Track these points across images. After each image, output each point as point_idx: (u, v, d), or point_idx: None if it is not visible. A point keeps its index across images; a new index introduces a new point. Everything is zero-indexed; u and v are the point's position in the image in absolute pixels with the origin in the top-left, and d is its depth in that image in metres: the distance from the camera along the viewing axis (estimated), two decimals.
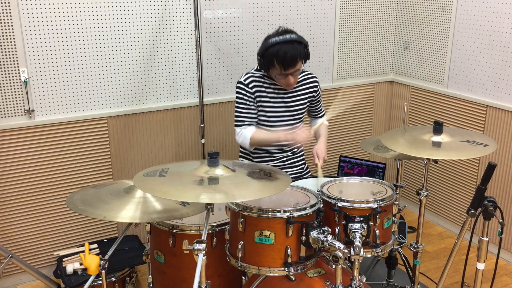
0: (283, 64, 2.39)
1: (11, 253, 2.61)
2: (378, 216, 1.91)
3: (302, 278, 1.94)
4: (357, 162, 3.03)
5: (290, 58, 2.38)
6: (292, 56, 2.38)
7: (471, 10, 3.18)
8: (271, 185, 1.81)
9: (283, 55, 2.37)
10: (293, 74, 2.45)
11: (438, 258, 3.21)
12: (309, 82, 2.66)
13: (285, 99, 2.60)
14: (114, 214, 1.82)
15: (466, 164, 3.35)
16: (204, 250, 1.60)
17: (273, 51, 2.38)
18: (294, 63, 2.40)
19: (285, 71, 2.41)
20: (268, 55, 2.40)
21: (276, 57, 2.38)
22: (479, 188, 1.96)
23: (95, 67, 2.88)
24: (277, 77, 2.47)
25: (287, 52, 2.37)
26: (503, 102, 3.07)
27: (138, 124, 3.08)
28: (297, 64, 2.42)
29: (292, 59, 2.38)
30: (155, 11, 2.95)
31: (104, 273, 1.88)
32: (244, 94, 2.53)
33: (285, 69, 2.40)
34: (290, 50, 2.38)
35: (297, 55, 2.39)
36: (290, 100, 2.61)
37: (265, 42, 2.43)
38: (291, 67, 2.40)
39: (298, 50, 2.40)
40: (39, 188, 2.89)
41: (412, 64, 3.71)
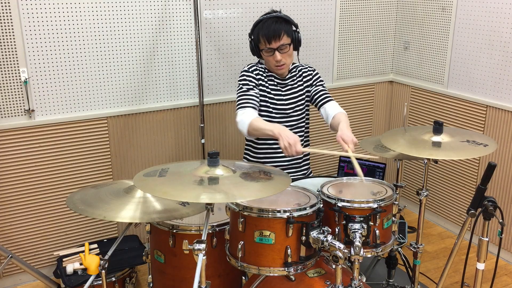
0: (267, 37, 2.45)
1: (11, 253, 2.61)
2: (378, 216, 1.91)
3: (302, 278, 1.94)
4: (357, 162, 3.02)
5: (274, 30, 2.45)
6: (276, 28, 2.45)
7: (471, 10, 3.18)
8: (271, 185, 1.81)
9: (267, 27, 2.46)
10: (280, 49, 2.48)
11: (438, 258, 3.21)
12: (303, 73, 2.67)
13: (283, 92, 2.61)
14: (114, 214, 1.82)
15: (466, 164, 3.35)
16: (204, 250, 1.60)
17: (259, 26, 2.49)
18: (278, 35, 2.45)
19: (269, 45, 2.46)
20: (256, 31, 2.50)
21: (261, 30, 2.47)
22: (479, 188, 1.96)
23: (95, 67, 2.88)
24: (265, 55, 2.52)
25: (270, 25, 2.46)
26: (503, 102, 3.07)
27: (138, 124, 3.08)
28: (281, 38, 2.46)
29: (275, 31, 2.45)
30: (155, 11, 2.95)
31: (104, 273, 1.88)
32: (249, 79, 2.56)
33: (269, 41, 2.46)
34: (274, 23, 2.47)
35: (281, 28, 2.46)
36: (287, 94, 2.61)
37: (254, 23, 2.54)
38: (274, 39, 2.45)
39: (282, 24, 2.48)
40: (39, 188, 2.89)
41: (412, 64, 3.71)
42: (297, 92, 2.65)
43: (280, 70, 2.56)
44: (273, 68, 2.56)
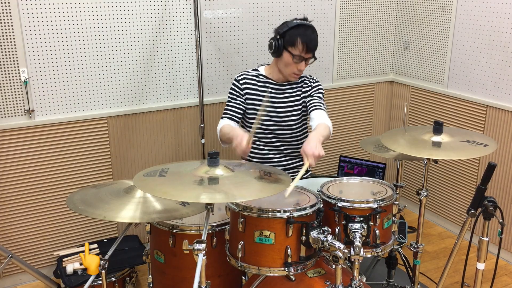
0: (307, 45, 2.42)
1: (11, 253, 2.61)
2: (378, 216, 1.91)
3: (302, 278, 1.94)
4: (357, 162, 3.02)
5: (314, 42, 2.45)
6: (316, 41, 2.46)
7: (471, 10, 3.18)
8: (271, 185, 1.81)
9: (309, 36, 2.43)
10: (307, 61, 2.49)
11: (438, 258, 3.21)
12: (304, 83, 2.63)
13: (278, 99, 2.59)
14: (114, 214, 1.82)
15: (466, 164, 3.35)
16: (204, 250, 1.60)
17: (299, 31, 2.42)
18: (315, 48, 2.46)
19: (306, 54, 2.44)
20: (292, 33, 2.42)
21: (302, 37, 2.41)
22: (479, 188, 1.95)
23: (95, 67, 2.88)
24: (291, 60, 2.44)
25: (312, 35, 2.44)
26: (503, 102, 3.07)
27: (138, 124, 3.08)
28: (315, 51, 2.47)
29: (315, 44, 2.46)
30: (155, 11, 2.95)
31: (104, 273, 1.88)
32: (234, 89, 2.60)
33: (307, 51, 2.43)
34: (314, 34, 2.46)
35: (317, 43, 2.47)
36: (283, 100, 2.59)
37: (287, 23, 2.46)
38: (311, 51, 2.45)
39: (317, 40, 2.48)
40: (39, 188, 2.89)
41: (412, 64, 3.71)
42: (294, 101, 2.60)
43: (295, 78, 2.56)
44: (288, 74, 2.52)
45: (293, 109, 2.60)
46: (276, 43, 2.45)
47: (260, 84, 2.60)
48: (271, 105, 2.58)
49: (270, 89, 2.58)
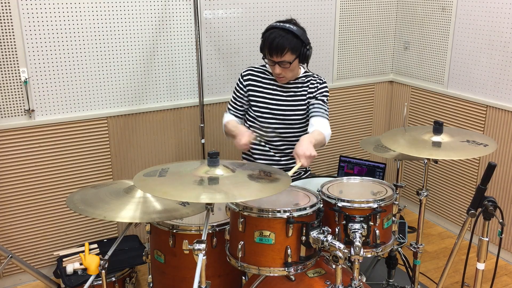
0: (269, 49, 2.39)
1: (11, 253, 2.61)
2: (378, 216, 1.91)
3: (302, 278, 1.94)
4: (357, 162, 3.02)
5: (277, 44, 2.35)
6: (278, 43, 2.35)
7: (471, 10, 3.18)
8: (271, 185, 1.81)
9: (272, 39, 2.36)
10: (280, 64, 2.41)
11: (438, 258, 3.21)
12: (311, 84, 2.59)
13: (283, 97, 2.59)
14: (114, 214, 1.82)
15: (466, 164, 3.35)
16: (204, 250, 1.60)
17: (266, 35, 2.41)
18: (280, 51, 2.36)
19: (271, 57, 2.41)
20: (263, 38, 2.44)
21: (266, 41, 2.40)
22: (479, 188, 1.95)
23: (95, 67, 2.88)
24: (268, 63, 2.48)
25: (276, 38, 2.36)
26: (503, 102, 3.07)
27: (138, 124, 3.08)
28: (284, 54, 2.37)
29: (278, 46, 2.35)
30: (155, 11, 2.95)
31: (104, 273, 1.88)
32: (237, 84, 2.64)
33: (270, 55, 2.40)
34: (280, 37, 2.36)
35: (285, 45, 2.35)
36: (287, 99, 2.59)
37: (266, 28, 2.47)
38: (276, 54, 2.38)
39: (289, 40, 2.36)
40: (39, 188, 2.89)
41: (412, 64, 3.71)
42: (299, 100, 2.59)
43: (280, 81, 2.55)
44: (276, 76, 2.54)
45: (297, 108, 2.59)
46: (261, 45, 2.48)
47: (266, 79, 2.59)
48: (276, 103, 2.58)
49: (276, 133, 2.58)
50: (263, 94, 2.58)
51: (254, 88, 2.58)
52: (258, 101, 2.59)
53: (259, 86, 2.58)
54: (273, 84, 2.59)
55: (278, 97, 2.59)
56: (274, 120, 2.59)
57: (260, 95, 2.58)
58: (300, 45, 2.41)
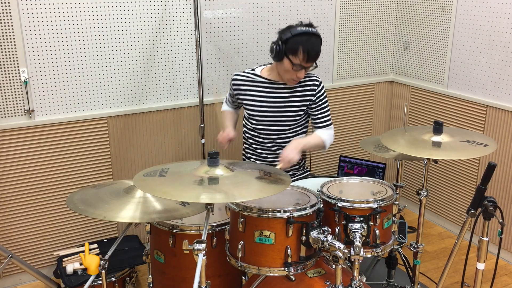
0: (308, 55, 2.37)
1: (11, 253, 2.61)
2: (378, 216, 1.91)
3: (302, 278, 1.94)
4: (357, 162, 3.02)
5: (316, 51, 2.41)
6: (318, 50, 2.41)
7: (471, 10, 3.18)
8: (271, 185, 1.81)
9: (311, 46, 2.37)
10: (307, 69, 2.46)
11: (438, 258, 3.21)
12: (307, 84, 2.59)
13: (277, 99, 2.58)
14: (114, 214, 1.82)
15: (466, 164, 3.35)
16: (204, 250, 1.60)
17: (302, 39, 2.36)
18: (317, 57, 2.43)
19: (306, 63, 2.41)
20: (295, 41, 2.36)
21: (304, 46, 2.36)
22: (479, 188, 1.95)
23: (95, 67, 2.88)
24: (291, 68, 2.41)
25: (315, 44, 2.39)
26: (503, 102, 3.07)
27: (138, 124, 3.08)
28: (316, 60, 2.45)
29: (317, 54, 2.42)
30: (155, 11, 2.95)
31: (104, 273, 1.88)
32: (229, 87, 2.73)
33: (307, 61, 2.40)
34: (318, 44, 2.42)
35: (320, 52, 2.43)
36: (281, 100, 2.58)
37: (291, 29, 2.38)
38: (312, 60, 2.42)
39: (320, 47, 2.44)
40: (39, 188, 2.89)
41: (412, 64, 3.71)
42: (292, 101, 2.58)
43: (292, 84, 2.55)
44: (287, 79, 2.50)
45: (291, 109, 2.58)
46: (278, 48, 2.40)
47: (252, 83, 2.61)
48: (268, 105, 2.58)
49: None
50: (255, 97, 2.59)
51: (245, 92, 2.61)
52: (250, 105, 2.61)
53: (249, 90, 2.60)
54: (265, 87, 2.59)
55: (272, 98, 2.58)
56: (269, 122, 2.59)
57: (251, 98, 2.60)
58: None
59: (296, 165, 2.71)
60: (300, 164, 2.76)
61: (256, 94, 2.60)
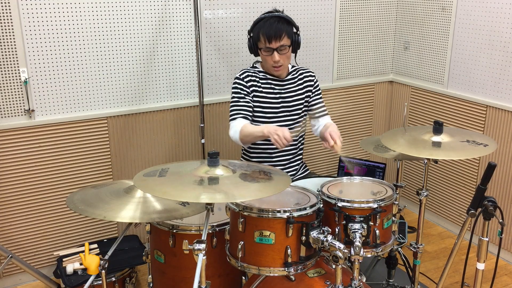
0: (268, 35, 2.42)
1: (11, 253, 2.61)
2: (378, 216, 1.91)
3: (302, 278, 1.94)
4: (357, 162, 3.02)
5: (275, 29, 2.42)
6: (277, 28, 2.43)
7: (471, 10, 3.18)
8: (271, 185, 1.81)
9: (269, 26, 2.42)
10: (279, 50, 2.46)
11: (438, 258, 3.21)
12: (304, 76, 2.66)
13: (282, 94, 2.60)
14: (114, 214, 1.82)
15: (466, 164, 3.35)
16: (204, 250, 1.60)
17: (260, 24, 2.46)
18: (279, 35, 2.43)
19: (269, 44, 2.43)
20: (255, 29, 2.47)
21: (262, 28, 2.43)
22: (479, 188, 1.95)
23: (95, 67, 2.88)
24: (263, 54, 2.48)
25: (272, 24, 2.43)
26: (503, 102, 3.07)
27: (138, 124, 3.08)
28: (282, 38, 2.44)
29: (276, 31, 2.42)
30: (155, 11, 2.95)
31: (104, 273, 1.88)
32: (240, 88, 2.55)
33: (269, 40, 2.42)
34: (276, 22, 2.44)
35: (282, 29, 2.44)
36: (286, 95, 2.61)
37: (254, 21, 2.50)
38: (275, 39, 2.43)
39: (284, 25, 2.46)
40: (39, 188, 2.89)
41: (412, 64, 3.71)
42: (297, 94, 2.64)
43: (277, 71, 2.55)
44: (270, 69, 2.55)
45: (298, 98, 2.64)
46: (249, 43, 2.52)
47: (262, 80, 2.60)
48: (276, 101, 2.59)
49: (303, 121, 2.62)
50: (265, 94, 2.59)
51: (256, 89, 2.58)
52: (261, 102, 2.59)
53: (259, 87, 2.59)
54: (270, 83, 2.60)
55: (277, 95, 2.60)
56: (279, 118, 2.60)
57: (262, 95, 2.59)
58: (292, 30, 2.49)
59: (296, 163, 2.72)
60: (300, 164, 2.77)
61: (266, 90, 2.59)
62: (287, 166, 2.69)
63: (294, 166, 2.71)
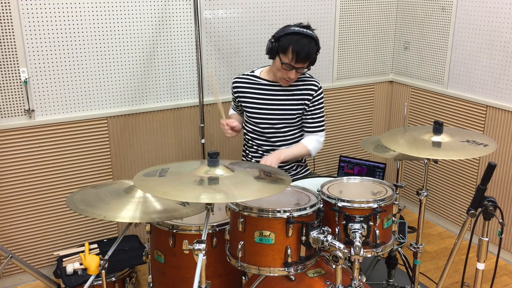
0: (297, 55, 2.36)
1: (11, 253, 2.61)
2: (378, 216, 1.91)
3: (302, 278, 1.94)
4: (357, 162, 3.02)
5: (306, 53, 2.38)
6: (308, 51, 2.38)
7: (471, 10, 3.18)
8: (271, 185, 1.81)
9: (301, 46, 2.36)
10: (298, 70, 2.44)
11: (438, 258, 3.21)
12: (307, 85, 2.59)
13: (274, 101, 2.58)
14: (114, 214, 1.82)
15: (466, 164, 3.35)
16: (204, 250, 1.60)
17: (293, 39, 2.37)
18: (307, 59, 2.40)
19: (295, 63, 2.39)
20: (286, 40, 2.38)
21: (293, 45, 2.36)
22: (479, 188, 1.95)
23: (95, 67, 2.88)
24: (282, 66, 2.42)
25: (305, 45, 2.37)
26: (503, 102, 3.07)
27: (138, 124, 3.08)
28: (307, 62, 2.42)
29: (307, 54, 2.38)
30: (155, 11, 2.95)
31: (104, 273, 1.88)
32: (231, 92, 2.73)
33: (296, 61, 2.38)
34: (308, 44, 2.39)
35: (312, 53, 2.40)
36: (279, 103, 2.58)
37: (286, 28, 2.41)
38: (302, 61, 2.40)
39: (314, 49, 2.41)
40: (39, 188, 2.89)
41: (412, 64, 3.71)
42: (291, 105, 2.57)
43: (286, 84, 2.54)
44: (279, 78, 2.52)
45: (287, 112, 2.58)
46: (271, 45, 2.44)
47: (252, 85, 2.61)
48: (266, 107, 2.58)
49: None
50: (254, 100, 2.60)
51: (245, 94, 2.62)
52: (250, 107, 2.62)
53: (249, 92, 2.61)
54: (263, 89, 2.59)
55: (270, 101, 2.59)
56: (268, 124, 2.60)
57: (251, 100, 2.61)
58: (316, 52, 2.45)
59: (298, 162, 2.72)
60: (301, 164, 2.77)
61: (255, 95, 2.61)
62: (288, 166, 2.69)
63: (294, 166, 2.71)
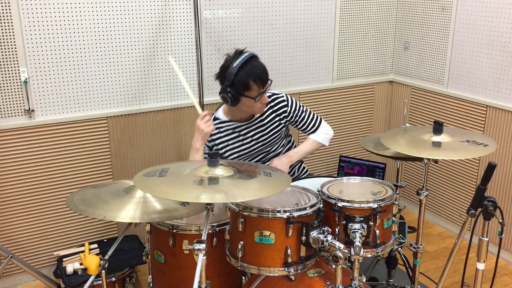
0: (260, 80, 2.24)
1: (11, 253, 2.61)
2: (378, 216, 1.91)
3: (302, 278, 1.94)
4: (357, 162, 3.03)
5: (264, 71, 2.26)
6: (264, 69, 2.27)
7: (471, 10, 3.18)
8: (271, 185, 1.81)
9: (256, 70, 2.23)
10: (266, 91, 2.32)
11: (438, 258, 3.21)
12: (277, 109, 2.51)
13: (254, 136, 2.49)
14: (114, 214, 1.83)
15: (466, 164, 3.35)
16: (204, 250, 1.60)
17: (244, 71, 2.21)
18: (267, 75, 2.29)
19: (263, 88, 2.27)
20: (240, 78, 2.21)
21: (250, 76, 2.21)
22: (479, 188, 1.96)
23: (95, 67, 2.88)
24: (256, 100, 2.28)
25: (257, 66, 2.24)
26: (503, 102, 3.07)
27: (138, 124, 3.08)
28: (268, 77, 2.30)
29: (265, 72, 2.27)
30: (155, 11, 2.95)
31: (104, 273, 1.88)
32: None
33: (263, 85, 2.26)
34: (260, 63, 2.27)
35: (266, 68, 2.29)
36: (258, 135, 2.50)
37: (230, 69, 2.22)
38: (266, 81, 2.28)
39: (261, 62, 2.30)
40: (39, 188, 2.89)
41: (412, 64, 3.71)
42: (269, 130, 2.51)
43: (263, 110, 2.42)
44: (255, 111, 2.39)
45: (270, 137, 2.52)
46: (230, 95, 2.25)
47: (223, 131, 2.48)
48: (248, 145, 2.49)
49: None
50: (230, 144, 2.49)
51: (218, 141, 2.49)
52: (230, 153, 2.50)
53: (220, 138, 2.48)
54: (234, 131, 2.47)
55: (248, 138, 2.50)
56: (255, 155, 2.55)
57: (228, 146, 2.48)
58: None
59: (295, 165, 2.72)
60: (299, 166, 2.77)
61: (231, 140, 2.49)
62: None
63: (292, 169, 2.71)
